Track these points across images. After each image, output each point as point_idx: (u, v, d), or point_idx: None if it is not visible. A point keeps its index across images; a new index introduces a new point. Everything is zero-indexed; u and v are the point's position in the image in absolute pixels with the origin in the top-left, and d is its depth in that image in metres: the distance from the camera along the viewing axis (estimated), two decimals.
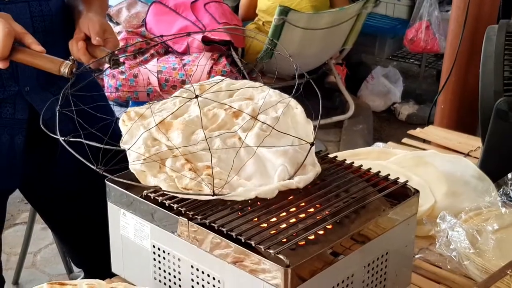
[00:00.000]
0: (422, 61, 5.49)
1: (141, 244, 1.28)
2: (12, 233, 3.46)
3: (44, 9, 1.65)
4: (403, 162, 1.80)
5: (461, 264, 1.43)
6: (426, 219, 1.55)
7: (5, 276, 1.95)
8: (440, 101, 3.27)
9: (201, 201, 1.21)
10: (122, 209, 1.30)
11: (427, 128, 2.28)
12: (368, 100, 5.19)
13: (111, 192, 1.31)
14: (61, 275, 3.08)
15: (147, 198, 1.25)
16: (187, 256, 1.20)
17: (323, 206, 1.23)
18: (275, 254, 1.07)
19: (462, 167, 1.79)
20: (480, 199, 1.61)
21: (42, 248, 3.41)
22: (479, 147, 1.98)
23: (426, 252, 1.52)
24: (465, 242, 1.44)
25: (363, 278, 1.22)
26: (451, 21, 3.21)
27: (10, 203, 1.87)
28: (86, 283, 1.18)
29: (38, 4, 1.63)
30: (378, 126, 4.99)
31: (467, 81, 3.12)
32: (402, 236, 1.30)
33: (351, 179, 1.34)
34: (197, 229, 1.16)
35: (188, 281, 1.21)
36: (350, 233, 1.18)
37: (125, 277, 1.35)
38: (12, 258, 3.23)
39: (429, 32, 5.11)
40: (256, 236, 1.12)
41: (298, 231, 1.14)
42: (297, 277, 1.07)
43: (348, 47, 4.78)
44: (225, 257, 1.13)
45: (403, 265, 1.33)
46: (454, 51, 3.07)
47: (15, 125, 1.66)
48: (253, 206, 1.21)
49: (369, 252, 1.22)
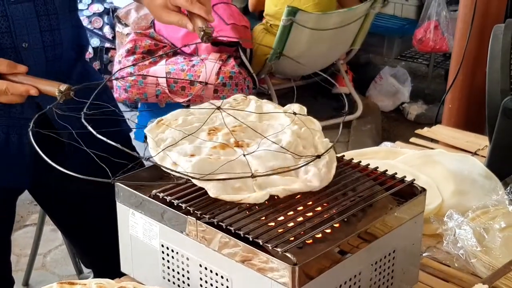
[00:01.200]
0: (431, 61, 5.48)
1: (150, 243, 1.29)
2: (22, 235, 3.48)
3: (49, 8, 1.65)
4: (410, 161, 1.81)
5: (468, 262, 1.44)
6: (434, 217, 1.55)
7: (15, 277, 1.96)
8: (448, 100, 3.27)
9: (209, 200, 1.21)
10: (131, 209, 1.30)
11: (435, 127, 2.28)
12: (376, 100, 5.19)
13: (120, 192, 1.32)
14: (71, 276, 3.09)
15: (156, 198, 1.26)
16: (195, 255, 1.21)
17: (331, 205, 1.24)
18: (282, 253, 1.08)
19: (470, 166, 1.79)
20: (487, 198, 1.61)
21: (51, 249, 3.42)
22: (486, 146, 1.98)
23: (433, 250, 1.52)
24: (472, 240, 1.44)
25: (370, 276, 1.22)
26: (458, 20, 3.21)
27: (19, 205, 1.88)
28: (96, 283, 1.19)
29: (43, 2, 1.64)
30: (387, 126, 4.99)
31: (475, 80, 3.11)
32: (409, 234, 1.31)
33: (358, 178, 1.34)
34: (205, 229, 1.17)
35: (197, 280, 1.22)
36: (357, 232, 1.19)
37: (134, 276, 1.36)
38: (22, 260, 3.25)
39: (438, 32, 5.10)
40: (264, 235, 1.12)
41: (306, 229, 1.15)
42: (305, 275, 1.08)
43: (356, 47, 4.79)
44: (233, 256, 1.14)
45: (410, 263, 1.33)
46: (461, 50, 3.06)
47: (24, 124, 1.67)
48: (260, 205, 1.22)
49: (376, 250, 1.22)
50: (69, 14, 1.73)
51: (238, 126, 1.36)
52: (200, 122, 1.36)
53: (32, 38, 1.62)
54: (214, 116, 1.37)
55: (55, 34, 1.67)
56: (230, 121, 1.36)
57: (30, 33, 1.61)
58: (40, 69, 1.62)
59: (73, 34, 1.75)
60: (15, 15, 1.59)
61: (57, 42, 1.67)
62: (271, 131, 1.37)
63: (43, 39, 1.64)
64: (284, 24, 4.14)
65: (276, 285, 1.09)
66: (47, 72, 1.61)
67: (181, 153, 1.26)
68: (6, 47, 1.59)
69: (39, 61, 1.64)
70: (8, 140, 1.68)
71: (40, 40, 1.64)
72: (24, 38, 1.61)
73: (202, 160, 1.23)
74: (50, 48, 1.66)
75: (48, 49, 1.65)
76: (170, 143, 1.28)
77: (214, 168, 1.21)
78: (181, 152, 1.26)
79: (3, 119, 1.66)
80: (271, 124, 1.40)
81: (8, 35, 1.58)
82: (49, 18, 1.65)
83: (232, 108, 1.41)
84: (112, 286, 1.19)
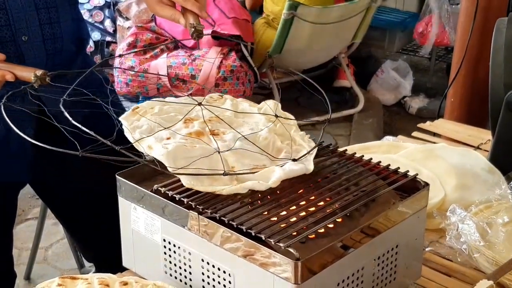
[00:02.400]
0: (432, 54, 5.47)
1: (151, 238, 1.28)
2: (23, 228, 3.48)
3: (48, 1, 1.64)
4: (413, 155, 1.80)
5: (471, 257, 1.43)
6: (436, 212, 1.55)
7: (17, 271, 1.96)
8: (450, 94, 3.26)
9: (211, 195, 1.21)
10: (133, 204, 1.30)
11: (437, 121, 2.28)
12: (378, 94, 5.19)
13: (122, 187, 1.31)
14: (72, 270, 3.10)
15: (158, 192, 1.26)
16: (197, 250, 1.20)
17: (333, 200, 1.23)
18: (285, 248, 1.07)
19: (472, 160, 1.79)
20: (490, 192, 1.61)
21: (53, 243, 3.42)
22: (489, 140, 1.98)
23: (436, 245, 1.52)
24: (475, 235, 1.44)
25: (373, 271, 1.22)
26: (460, 13, 3.20)
27: (21, 199, 1.88)
28: (98, 277, 1.19)
29: None
30: (388, 120, 4.98)
31: (477, 74, 3.10)
32: (412, 229, 1.30)
33: (361, 173, 1.34)
34: (207, 223, 1.17)
35: (199, 274, 1.22)
36: (360, 226, 1.19)
37: (136, 271, 1.36)
38: (23, 253, 3.25)
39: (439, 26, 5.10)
40: (267, 230, 1.12)
41: (308, 224, 1.15)
42: (308, 270, 1.08)
43: (358, 41, 4.78)
44: (236, 250, 1.14)
45: (413, 258, 1.33)
46: (464, 44, 3.05)
47: (25, 118, 1.66)
48: (263, 200, 1.22)
49: (379, 245, 1.22)
50: (69, 7, 1.73)
51: (215, 117, 1.37)
52: (175, 112, 1.37)
53: (31, 31, 1.61)
54: (191, 111, 1.38)
55: (55, 27, 1.66)
56: (207, 115, 1.36)
57: (30, 26, 1.61)
58: (40, 62, 1.61)
59: (73, 27, 1.74)
60: (14, 7, 1.58)
61: (57, 35, 1.67)
62: (246, 126, 1.37)
63: (42, 32, 1.63)
64: (285, 18, 4.13)
65: (279, 280, 1.09)
66: (47, 66, 1.61)
67: (157, 139, 1.26)
68: (6, 40, 1.58)
69: (39, 54, 1.64)
70: (9, 134, 1.67)
71: (40, 33, 1.63)
72: (24, 31, 1.60)
73: (177, 147, 1.23)
74: (50, 41, 1.65)
75: (48, 42, 1.65)
76: (146, 130, 1.28)
77: (189, 156, 1.21)
78: (157, 137, 1.26)
79: None
80: (246, 121, 1.41)
81: (7, 28, 1.58)
82: (49, 11, 1.65)
83: (209, 104, 1.41)
84: (114, 281, 1.19)
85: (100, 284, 1.17)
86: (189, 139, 1.27)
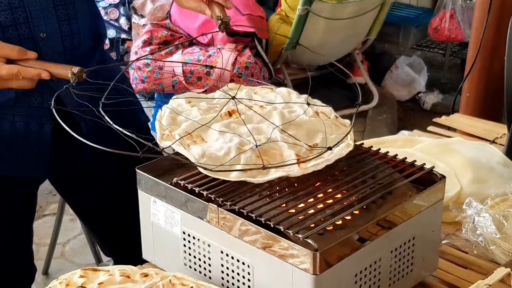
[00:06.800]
0: (447, 50, 5.46)
1: (171, 230, 1.30)
2: (41, 224, 3.51)
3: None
4: (428, 150, 1.81)
5: (487, 249, 1.44)
6: (452, 205, 1.56)
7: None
8: (465, 89, 3.26)
9: (230, 187, 1.23)
10: (153, 197, 1.32)
11: (452, 116, 2.28)
12: (392, 89, 5.18)
13: (142, 180, 1.33)
14: (89, 265, 3.11)
15: (177, 185, 1.27)
16: (217, 242, 1.22)
17: (350, 192, 1.25)
18: (303, 239, 1.09)
19: (488, 154, 1.79)
20: (506, 185, 1.61)
21: (70, 238, 3.45)
22: (504, 134, 1.98)
23: (452, 237, 1.53)
24: (491, 227, 1.45)
25: (390, 263, 1.23)
26: (475, 8, 3.20)
27: (38, 195, 1.89)
28: (119, 269, 1.21)
29: None
30: (403, 116, 4.98)
31: (492, 68, 3.10)
32: (429, 221, 1.31)
33: (377, 166, 1.35)
34: (226, 216, 1.18)
35: (218, 266, 1.23)
36: (377, 219, 1.20)
37: (156, 263, 1.38)
38: (41, 249, 3.27)
39: (454, 21, 5.09)
40: (285, 222, 1.13)
41: (326, 216, 1.16)
42: (326, 261, 1.09)
43: (372, 37, 4.78)
44: (255, 242, 1.15)
45: (430, 250, 1.34)
46: (478, 38, 3.05)
47: (44, 113, 1.68)
48: (281, 192, 1.23)
49: (396, 237, 1.23)
50: (86, 3, 1.74)
51: (246, 108, 1.40)
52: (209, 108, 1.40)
53: (49, 28, 1.63)
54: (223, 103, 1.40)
55: (72, 24, 1.68)
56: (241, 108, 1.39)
57: (48, 23, 1.62)
58: (58, 59, 1.63)
59: (90, 23, 1.76)
60: (32, 5, 1.59)
61: (75, 32, 1.68)
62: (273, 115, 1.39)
63: (60, 29, 1.65)
64: (300, 13, 4.14)
65: (297, 271, 1.10)
66: (66, 62, 1.62)
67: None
68: (24, 38, 1.60)
69: (57, 50, 1.65)
70: (28, 129, 1.69)
71: (58, 30, 1.64)
72: (42, 28, 1.61)
73: None
74: (68, 38, 1.67)
75: (66, 38, 1.66)
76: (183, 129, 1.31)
77: None
78: None
79: (23, 109, 1.67)
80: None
81: (25, 26, 1.59)
82: (66, 8, 1.66)
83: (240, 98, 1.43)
84: (134, 273, 1.21)
85: (121, 276, 1.18)
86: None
